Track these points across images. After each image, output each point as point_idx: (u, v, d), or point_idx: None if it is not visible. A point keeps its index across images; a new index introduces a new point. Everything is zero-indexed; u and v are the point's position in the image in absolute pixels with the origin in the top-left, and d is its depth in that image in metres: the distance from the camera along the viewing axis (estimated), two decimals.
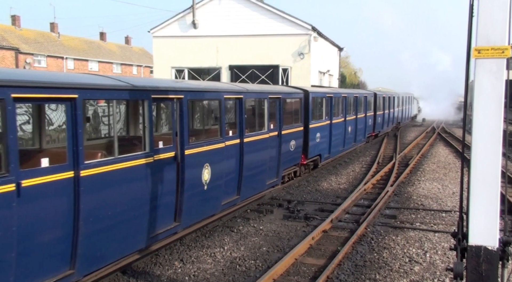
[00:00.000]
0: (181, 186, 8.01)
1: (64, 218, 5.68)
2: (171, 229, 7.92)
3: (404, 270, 7.75)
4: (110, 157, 6.50)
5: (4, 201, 4.87)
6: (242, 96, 10.14)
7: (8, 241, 4.92)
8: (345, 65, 69.88)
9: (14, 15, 51.16)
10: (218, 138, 9.30)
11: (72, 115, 5.77)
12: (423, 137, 30.68)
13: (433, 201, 12.65)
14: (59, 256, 5.69)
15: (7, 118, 4.98)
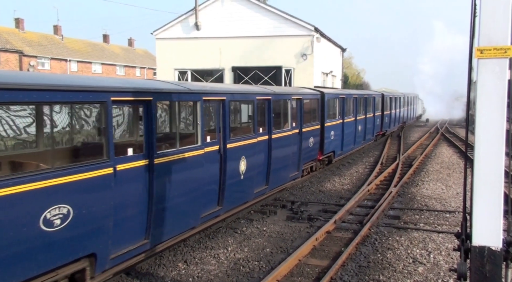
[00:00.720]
0: (223, 175, 9.33)
1: (143, 197, 7.03)
2: (215, 212, 9.23)
3: (408, 270, 7.74)
4: (173, 148, 7.74)
5: (106, 180, 6.22)
6: (270, 97, 11.51)
7: (108, 213, 6.27)
8: (348, 66, 69.85)
9: (17, 18, 51.42)
10: (252, 134, 10.63)
11: (147, 113, 7.12)
12: (426, 138, 30.63)
13: (437, 201, 12.62)
14: (139, 228, 7.07)
15: (107, 116, 6.34)
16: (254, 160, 10.53)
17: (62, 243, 5.62)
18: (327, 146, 16.33)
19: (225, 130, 9.31)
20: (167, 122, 9.31)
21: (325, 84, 30.49)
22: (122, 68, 60.09)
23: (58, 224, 5.50)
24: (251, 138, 10.48)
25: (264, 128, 11.23)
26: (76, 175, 5.74)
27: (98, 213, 6.09)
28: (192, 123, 8.91)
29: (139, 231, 7.07)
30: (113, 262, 6.56)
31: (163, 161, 7.34)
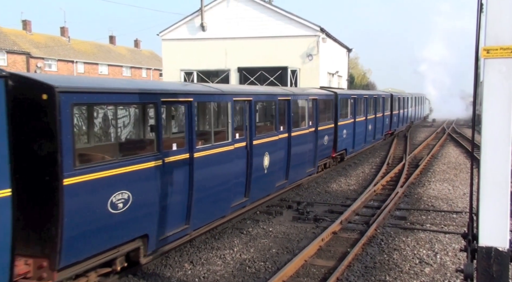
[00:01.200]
0: (249, 169, 10.13)
1: (184, 186, 7.93)
2: (243, 202, 10.06)
3: (415, 271, 7.71)
4: (209, 144, 8.65)
5: (157, 171, 7.12)
6: (290, 97, 12.21)
7: (158, 199, 7.16)
8: (354, 66, 69.70)
9: (25, 20, 51.74)
10: (274, 132, 11.40)
11: (189, 113, 8.02)
12: (433, 138, 30.50)
13: (443, 202, 12.57)
14: (181, 214, 7.99)
15: (158, 115, 7.26)
16: (276, 156, 11.39)
17: (123, 224, 6.58)
18: (340, 144, 17.16)
19: (251, 128, 10.18)
20: (203, 120, 9.97)
21: (331, 84, 30.44)
22: (128, 69, 60.31)
23: (121, 207, 6.46)
24: (273, 135, 11.31)
25: (284, 126, 12.00)
26: (134, 166, 6.68)
27: (150, 199, 7.04)
28: (224, 121, 9.83)
29: (182, 217, 8.01)
30: (161, 243, 7.51)
31: (201, 155, 8.31)
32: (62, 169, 5.53)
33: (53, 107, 5.48)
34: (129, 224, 6.67)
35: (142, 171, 6.81)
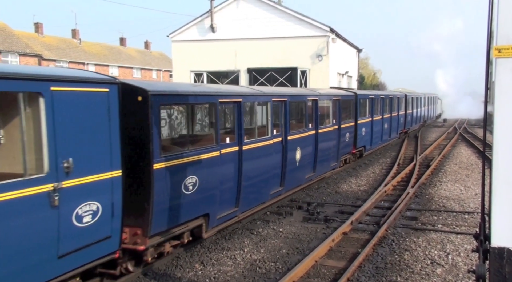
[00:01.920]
0: (284, 161, 11.34)
1: (235, 174, 9.21)
2: (279, 191, 11.34)
3: (426, 272, 7.66)
4: (254, 138, 9.89)
5: (216, 160, 8.44)
6: (317, 98, 13.57)
7: (216, 184, 8.48)
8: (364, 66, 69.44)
9: (37, 23, 52.27)
10: (304, 129, 12.62)
11: (238, 112, 9.28)
12: (444, 138, 30.27)
13: (455, 202, 12.47)
14: (233, 198, 9.27)
15: (216, 113, 8.52)
16: (306, 151, 12.65)
17: (192, 203, 7.86)
18: (359, 141, 18.38)
19: (286, 125, 11.41)
20: (248, 117, 10.73)
21: (341, 84, 30.36)
22: (138, 70, 60.64)
23: (191, 189, 7.78)
24: (303, 132, 12.57)
25: (312, 124, 13.27)
26: (200, 155, 8.01)
27: (211, 183, 8.32)
28: (264, 118, 11.00)
29: (232, 201, 9.31)
30: (218, 221, 8.80)
31: (248, 148, 9.54)
32: (153, 156, 6.83)
33: (146, 107, 6.79)
34: (196, 204, 8.04)
35: (205, 160, 8.17)
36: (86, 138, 5.89)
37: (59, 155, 5.46)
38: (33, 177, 5.16)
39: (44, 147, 5.34)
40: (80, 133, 5.80)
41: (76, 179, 5.67)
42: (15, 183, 4.93)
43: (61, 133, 5.49)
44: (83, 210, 5.80)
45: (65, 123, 5.56)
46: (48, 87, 5.35)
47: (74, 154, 5.63)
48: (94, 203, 5.97)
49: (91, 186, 5.92)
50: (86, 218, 5.85)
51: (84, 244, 5.87)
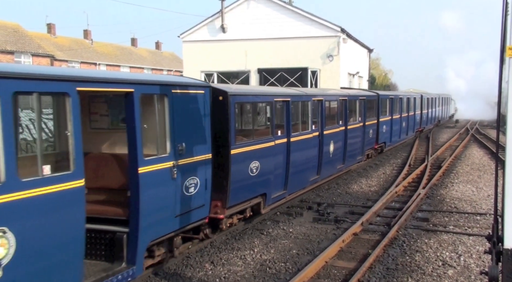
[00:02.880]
0: (321, 153, 12.94)
1: (284, 162, 10.82)
2: (316, 179, 12.97)
3: (438, 273, 7.60)
4: (298, 132, 11.56)
5: (271, 149, 10.14)
6: (347, 98, 15.24)
7: (271, 169, 10.16)
8: (375, 67, 69.11)
9: (49, 23, 52.77)
10: (336, 125, 14.29)
11: (287, 109, 11.01)
12: (456, 139, 30.00)
13: (467, 203, 12.36)
14: (282, 181, 10.89)
15: (272, 110, 10.48)
16: (337, 145, 14.32)
17: (255, 184, 9.58)
18: (380, 138, 20.06)
19: (322, 121, 13.09)
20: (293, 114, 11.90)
21: (351, 85, 30.24)
22: (149, 71, 60.91)
23: (254, 172, 9.45)
24: (335, 127, 14.23)
25: (342, 121, 14.87)
26: (261, 144, 9.70)
27: (268, 168, 9.96)
28: (306, 115, 12.45)
29: (282, 184, 10.95)
30: (272, 200, 10.46)
31: (294, 140, 11.13)
32: (230, 143, 8.54)
33: (226, 104, 8.51)
34: (257, 185, 9.73)
35: (264, 148, 9.83)
36: (191, 128, 7.69)
37: (176, 141, 7.21)
38: (162, 156, 6.91)
39: (167, 135, 7.09)
40: (188, 124, 7.58)
41: (186, 159, 7.43)
42: (154, 159, 6.78)
43: (177, 124, 7.24)
44: (189, 182, 7.56)
45: (179, 117, 7.29)
46: (171, 90, 7.12)
47: (185, 140, 7.39)
48: (195, 178, 7.73)
49: (194, 165, 7.67)
50: (190, 189, 7.61)
51: (189, 209, 7.63)
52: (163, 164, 6.92)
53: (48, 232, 5.09)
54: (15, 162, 4.69)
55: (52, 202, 5.13)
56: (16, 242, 4.70)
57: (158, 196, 6.83)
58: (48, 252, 5.10)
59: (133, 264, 6.44)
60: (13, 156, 4.67)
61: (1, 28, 43.14)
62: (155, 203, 6.76)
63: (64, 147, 5.67)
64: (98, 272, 6.15)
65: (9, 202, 4.63)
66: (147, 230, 6.62)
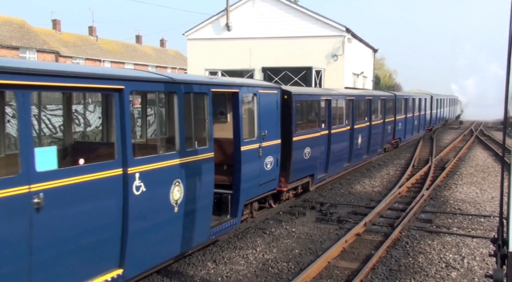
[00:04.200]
0: (351, 144, 15.44)
1: (325, 149, 13.25)
2: (347, 166, 15.67)
3: (441, 275, 7.57)
4: (336, 125, 14.02)
5: (318, 138, 12.56)
6: (371, 98, 17.97)
7: (317, 155, 12.43)
8: (380, 67, 68.94)
9: (54, 20, 52.81)
10: (363, 120, 16.78)
11: (328, 106, 13.44)
12: (460, 140, 29.91)
13: (471, 205, 12.31)
14: (324, 165, 13.35)
15: (319, 106, 12.88)
16: (364, 138, 16.79)
17: (307, 165, 12.04)
18: (396, 134, 22.59)
19: (353, 116, 15.52)
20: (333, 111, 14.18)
21: (356, 85, 30.17)
22: (154, 68, 60.94)
23: (306, 156, 11.86)
24: (363, 123, 16.72)
25: (367, 117, 17.40)
26: (311, 134, 12.20)
27: (315, 154, 12.37)
28: (342, 112, 14.77)
29: (324, 167, 13.38)
30: (317, 180, 13.00)
31: (333, 132, 13.64)
32: (293, 132, 11.04)
33: (290, 102, 10.98)
34: (308, 166, 12.10)
35: (313, 137, 12.32)
36: (269, 119, 10.01)
37: (261, 128, 9.58)
38: (253, 139, 9.33)
39: (256, 124, 9.50)
40: (267, 116, 9.93)
41: (266, 142, 9.79)
42: (249, 141, 9.18)
43: (261, 116, 9.64)
44: (267, 160, 9.92)
45: (263, 111, 9.71)
46: (259, 90, 9.69)
47: (266, 128, 9.77)
48: (271, 157, 10.09)
49: (270, 147, 10.01)
50: (268, 165, 9.95)
51: (267, 180, 10.02)
52: (254, 145, 9.34)
53: (198, 183, 7.48)
54: (184, 140, 7.15)
55: (201, 163, 7.57)
56: (184, 189, 7.10)
57: (251, 168, 9.19)
58: (200, 196, 7.53)
59: (235, 217, 8.87)
60: (184, 137, 7.16)
61: (7, 23, 43.22)
62: (249, 173, 9.11)
63: (204, 131, 8.06)
64: (213, 221, 8.29)
65: (182, 163, 7.04)
66: (244, 193, 9.01)
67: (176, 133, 7.07)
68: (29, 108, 4.86)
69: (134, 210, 6.05)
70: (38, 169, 4.87)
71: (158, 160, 6.57)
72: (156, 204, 6.56)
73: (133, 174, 6.03)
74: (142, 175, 6.18)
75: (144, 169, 6.23)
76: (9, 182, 4.62)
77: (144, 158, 6.33)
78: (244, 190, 8.91)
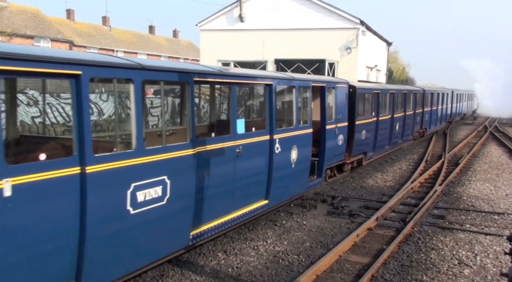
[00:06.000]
0: (391, 130, 18.90)
1: (374, 133, 16.20)
2: (388, 148, 18.99)
3: (453, 272, 7.48)
4: (382, 114, 17.22)
5: (371, 124, 16.13)
6: (407, 92, 21.15)
7: (370, 137, 16.01)
8: (393, 60, 68.28)
9: (69, 9, 52.99)
10: (399, 111, 19.83)
11: (377, 98, 16.69)
12: (474, 136, 29.56)
13: (484, 202, 12.16)
14: (372, 146, 16.52)
15: (372, 98, 16.42)
16: (400, 126, 19.91)
17: (362, 144, 15.12)
18: (423, 124, 25.81)
19: (393, 107, 18.83)
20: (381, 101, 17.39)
21: (369, 78, 29.92)
22: (166, 59, 60.99)
23: (363, 137, 15.01)
24: (399, 113, 19.90)
25: (403, 108, 20.58)
26: (367, 120, 15.30)
27: (368, 135, 15.42)
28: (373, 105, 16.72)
29: (372, 148, 16.59)
30: (368, 157, 16.12)
31: (380, 119, 17.06)
32: (355, 117, 14.11)
33: (354, 94, 14.13)
34: (363, 145, 15.32)
35: (368, 122, 15.44)
36: (341, 106, 12.98)
37: (337, 113, 12.53)
38: (332, 121, 12.24)
39: (333, 109, 12.48)
40: (340, 104, 12.88)
41: (339, 123, 12.69)
42: (330, 122, 12.11)
43: (337, 103, 12.66)
44: (339, 137, 12.87)
45: (338, 99, 12.70)
46: (336, 84, 12.71)
47: (340, 113, 12.73)
48: (342, 135, 13.05)
49: (342, 128, 12.96)
50: (339, 141, 12.94)
51: (338, 153, 13.12)
52: (332, 125, 12.33)
53: (304, 149, 10.53)
54: (298, 120, 10.31)
55: (306, 136, 10.67)
56: (298, 153, 10.11)
57: (330, 142, 12.25)
58: (304, 158, 10.56)
59: (320, 177, 11.95)
60: (298, 118, 10.34)
61: (22, 12, 43.47)
62: (329, 146, 12.17)
63: (307, 114, 10.88)
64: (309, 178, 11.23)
65: (297, 134, 10.18)
66: (326, 160, 12.17)
67: (294, 115, 10.19)
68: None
69: (274, 163, 9.15)
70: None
71: (286, 131, 9.81)
72: (285, 160, 9.70)
73: (275, 140, 9.19)
74: (280, 140, 9.39)
75: (280, 137, 9.41)
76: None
77: (280, 129, 9.53)
78: (326, 158, 12.09)
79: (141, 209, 5.89)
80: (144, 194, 5.92)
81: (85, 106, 5.18)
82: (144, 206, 5.94)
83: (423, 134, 26.44)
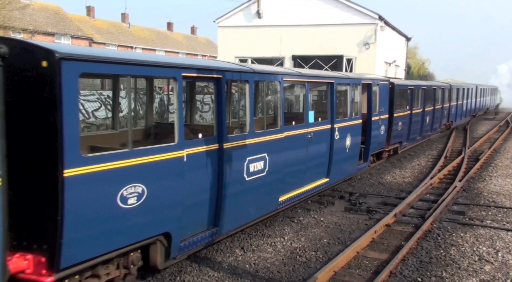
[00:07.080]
0: (423, 122, 20.49)
1: (408, 125, 18.19)
2: (419, 139, 20.38)
3: (474, 268, 7.39)
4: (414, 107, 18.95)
5: (406, 117, 17.91)
6: (436, 87, 22.71)
7: (405, 128, 17.88)
8: (412, 56, 67.46)
9: (89, 6, 53.70)
10: (429, 105, 21.71)
11: (411, 93, 18.57)
12: (495, 131, 29.05)
13: (506, 198, 11.96)
14: (406, 137, 18.39)
15: (406, 94, 18.08)
16: (429, 119, 21.43)
17: (397, 135, 16.81)
18: (450, 117, 27.28)
19: (424, 102, 20.48)
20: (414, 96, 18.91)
21: (387, 74, 29.61)
22: (184, 55, 61.31)
23: (399, 129, 16.77)
24: (430, 107, 21.55)
25: (432, 103, 22.23)
26: (402, 113, 17.18)
27: (403, 126, 17.19)
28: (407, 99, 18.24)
29: (406, 138, 18.18)
30: (403, 146, 18.18)
31: (413, 112, 18.69)
32: (394, 110, 15.92)
33: (393, 89, 15.87)
34: (398, 136, 16.70)
35: (403, 115, 16.96)
36: (384, 100, 14.57)
37: (380, 106, 14.19)
38: (376, 113, 13.92)
39: (377, 103, 14.07)
40: (383, 98, 14.51)
41: (381, 116, 14.47)
42: (375, 114, 13.96)
43: (381, 99, 14.29)
44: (381, 128, 14.63)
45: (381, 95, 14.31)
46: (379, 82, 14.35)
47: (382, 106, 14.44)
48: (383, 126, 14.95)
49: (384, 120, 14.80)
50: (381, 131, 14.80)
51: (380, 141, 14.92)
52: (377, 117, 13.98)
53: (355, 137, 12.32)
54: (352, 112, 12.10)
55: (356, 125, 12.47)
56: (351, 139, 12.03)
57: (375, 131, 13.85)
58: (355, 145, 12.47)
59: (366, 162, 13.73)
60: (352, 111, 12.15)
61: (43, 10, 44.13)
62: (374, 135, 13.88)
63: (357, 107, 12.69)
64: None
65: (350, 124, 11.99)
66: (372, 147, 13.93)
67: (348, 108, 11.90)
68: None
69: (334, 147, 11.07)
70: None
71: (342, 121, 11.56)
72: (342, 146, 11.55)
73: (335, 128, 11.00)
74: (338, 129, 11.17)
75: (339, 126, 11.22)
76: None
77: (338, 120, 11.27)
78: (372, 146, 13.86)
79: (252, 177, 7.98)
80: (253, 166, 8.01)
81: (223, 101, 7.22)
82: (253, 175, 8.02)
83: (449, 127, 27.84)
